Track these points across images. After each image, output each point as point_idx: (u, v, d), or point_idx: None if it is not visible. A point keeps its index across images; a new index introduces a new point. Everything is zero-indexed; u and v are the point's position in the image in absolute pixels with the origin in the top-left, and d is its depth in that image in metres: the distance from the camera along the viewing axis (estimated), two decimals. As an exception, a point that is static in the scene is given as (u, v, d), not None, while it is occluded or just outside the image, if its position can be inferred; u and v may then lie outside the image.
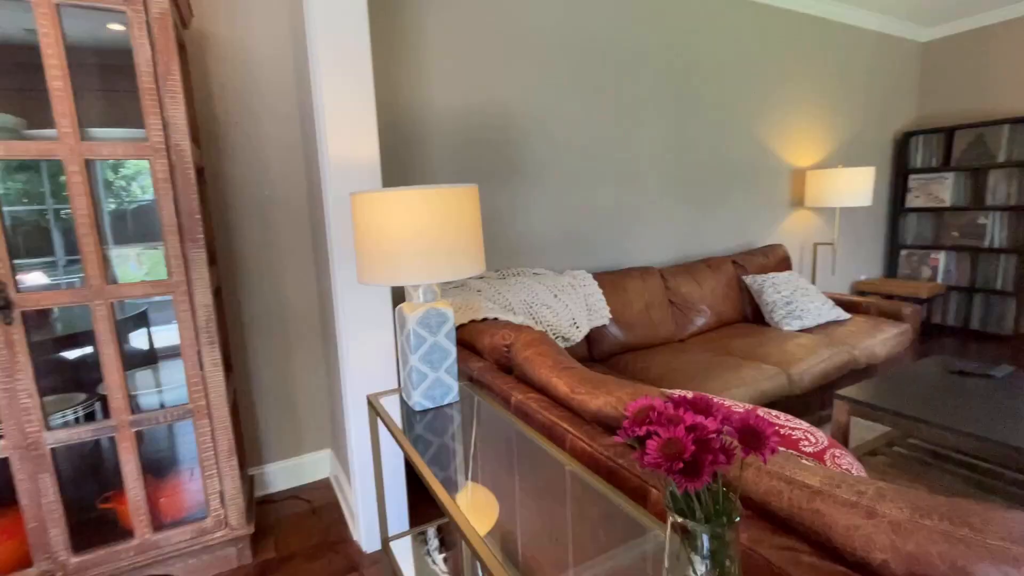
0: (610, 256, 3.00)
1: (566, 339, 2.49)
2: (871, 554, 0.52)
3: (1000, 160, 3.73)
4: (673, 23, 2.97)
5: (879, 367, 2.73)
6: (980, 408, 1.72)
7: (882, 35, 4.06)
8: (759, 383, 2.16)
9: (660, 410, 0.45)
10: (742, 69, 3.30)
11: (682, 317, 2.90)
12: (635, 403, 0.47)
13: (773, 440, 0.41)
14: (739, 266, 3.22)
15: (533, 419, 1.13)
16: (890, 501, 0.54)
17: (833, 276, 4.11)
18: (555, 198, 2.74)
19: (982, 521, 0.50)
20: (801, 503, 0.59)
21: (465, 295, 2.21)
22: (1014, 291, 3.73)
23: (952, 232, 4.07)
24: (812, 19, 3.60)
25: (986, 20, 3.95)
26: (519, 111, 2.55)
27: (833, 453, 0.82)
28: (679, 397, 0.47)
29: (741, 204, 3.49)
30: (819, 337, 2.66)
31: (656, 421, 0.44)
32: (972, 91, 4.11)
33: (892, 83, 4.24)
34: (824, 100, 3.79)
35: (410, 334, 1.22)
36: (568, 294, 2.55)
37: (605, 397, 0.98)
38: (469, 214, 1.16)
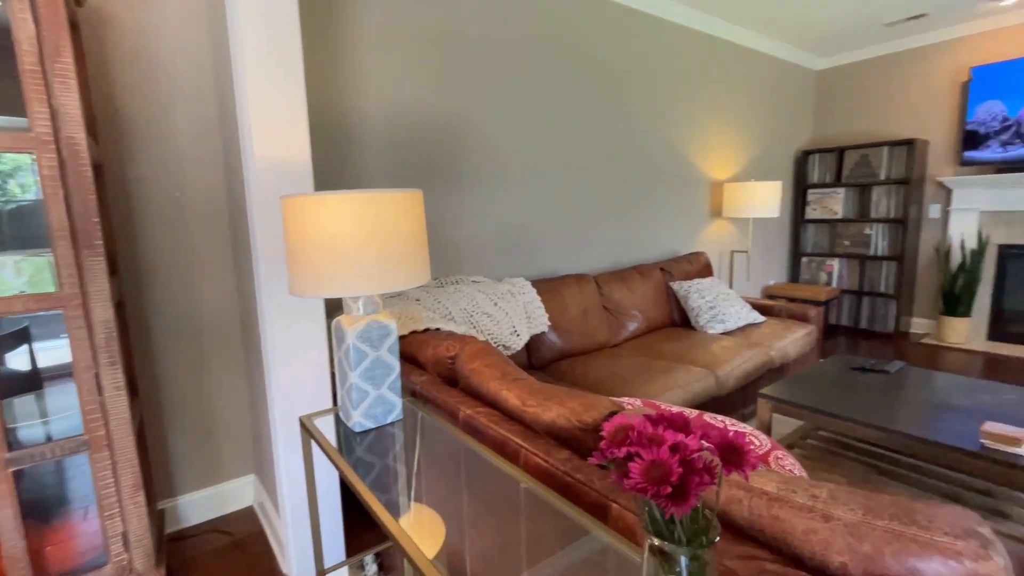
0: (547, 263, 3.04)
1: (506, 347, 2.47)
2: (829, 557, 0.54)
3: (881, 178, 4.22)
4: (607, 39, 3.08)
5: (791, 366, 2.96)
6: (879, 401, 1.91)
7: (784, 62, 4.47)
8: (691, 385, 2.26)
9: (640, 429, 0.43)
10: (667, 87, 3.48)
11: (616, 323, 2.98)
12: (612, 422, 0.46)
13: (752, 456, 0.41)
14: (666, 273, 3.38)
15: (484, 434, 1.09)
16: (843, 504, 0.57)
17: (748, 281, 4.43)
18: (493, 205, 2.73)
19: (927, 518, 0.53)
20: (761, 510, 0.60)
21: (404, 305, 2.13)
22: (894, 294, 4.22)
23: (844, 241, 4.54)
24: (725, 43, 3.88)
25: (866, 55, 4.47)
26: (457, 117, 2.51)
27: (776, 455, 0.86)
28: (657, 414, 0.46)
29: (667, 214, 3.67)
30: (740, 339, 2.84)
31: (636, 441, 0.42)
32: (857, 116, 4.62)
33: (793, 105, 4.67)
34: (737, 118, 4.09)
35: (349, 349, 1.14)
36: (508, 302, 2.54)
37: (558, 409, 0.97)
38: (415, 220, 1.11)
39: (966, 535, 0.51)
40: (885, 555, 0.51)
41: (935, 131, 4.18)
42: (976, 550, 0.49)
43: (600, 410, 0.94)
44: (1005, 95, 3.69)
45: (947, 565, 0.49)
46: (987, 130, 3.79)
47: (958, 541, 0.50)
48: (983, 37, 3.87)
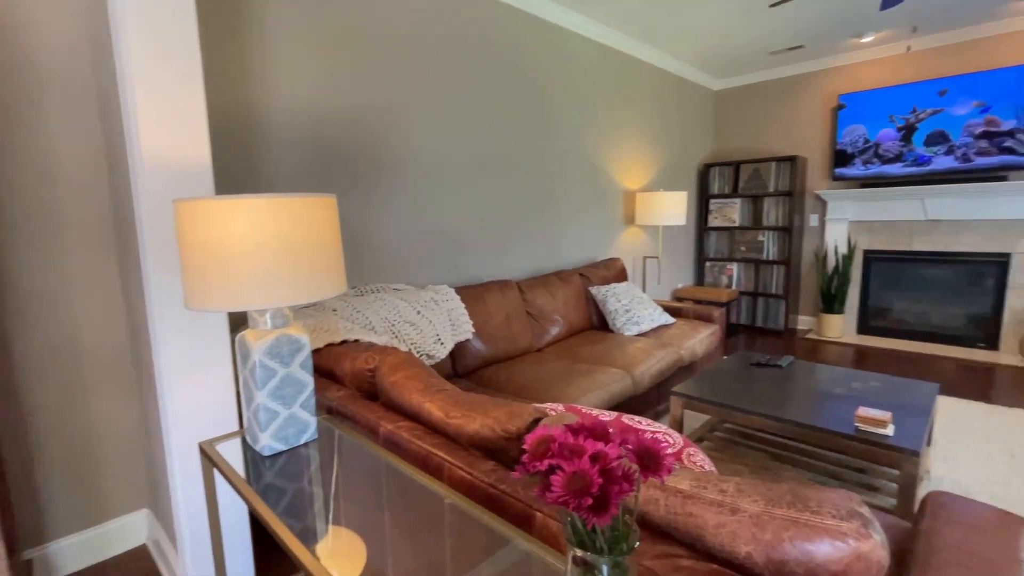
0: (472, 270, 3.03)
1: (430, 356, 2.42)
2: (737, 548, 0.58)
3: (771, 190, 4.68)
4: (529, 51, 3.14)
5: (698, 363, 3.18)
6: (773, 393, 2.11)
7: (687, 81, 4.83)
8: (609, 386, 2.35)
9: (561, 440, 0.43)
10: (585, 100, 3.62)
11: (539, 327, 3.03)
12: (533, 434, 0.46)
13: (668, 460, 0.43)
14: (585, 278, 3.50)
15: (406, 450, 1.05)
16: (748, 496, 0.61)
17: (659, 285, 4.71)
18: (417, 212, 2.68)
19: (818, 503, 0.58)
20: (676, 509, 0.63)
21: (319, 316, 2.02)
22: (783, 294, 4.69)
23: (741, 247, 4.97)
24: (637, 61, 4.12)
25: (756, 79, 4.95)
26: (378, 121, 2.44)
27: (688, 452, 0.91)
28: (578, 424, 0.46)
29: (585, 221, 3.81)
30: (653, 340, 3.01)
31: (558, 453, 0.42)
32: (750, 133, 5.10)
33: (695, 121, 5.05)
34: (647, 132, 4.35)
35: (255, 367, 1.05)
36: (431, 310, 2.49)
37: (482, 419, 0.96)
38: (327, 227, 1.05)
39: (849, 516, 0.56)
40: (784, 541, 0.56)
41: (813, 149, 4.71)
42: (858, 530, 0.55)
43: (524, 418, 0.94)
44: (866, 120, 4.25)
45: (835, 546, 0.54)
46: (853, 150, 4.34)
47: (843, 523, 0.55)
48: (849, 69, 4.43)
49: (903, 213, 4.19)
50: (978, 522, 0.94)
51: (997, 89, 3.66)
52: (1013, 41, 3.70)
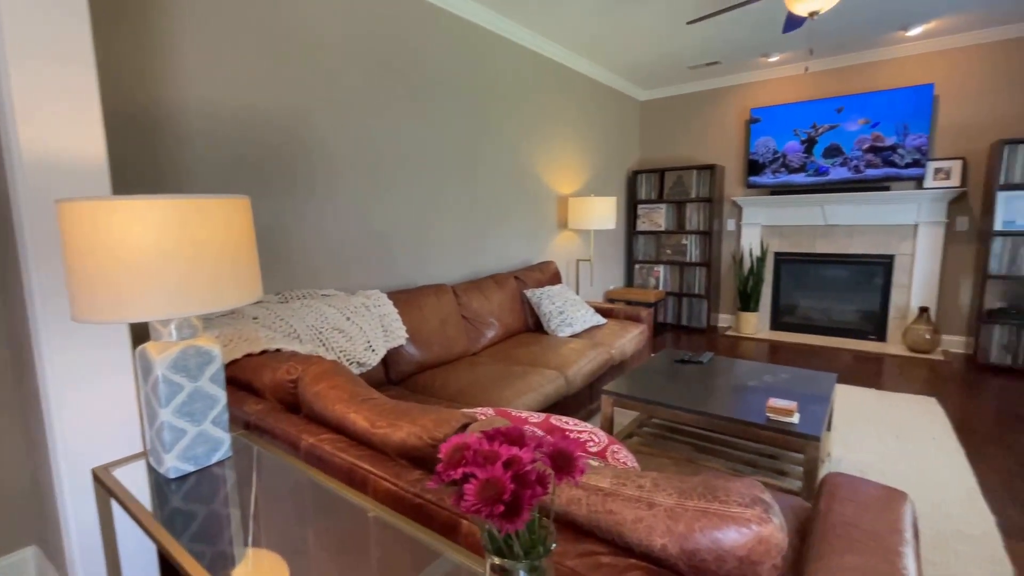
0: (405, 274, 2.96)
1: (361, 364, 2.35)
2: (653, 541, 0.60)
3: (692, 196, 4.96)
4: (461, 56, 3.13)
5: (628, 361, 3.30)
6: (696, 388, 2.23)
7: (616, 91, 5.02)
8: (544, 387, 2.38)
9: (476, 447, 0.43)
10: (519, 105, 3.66)
11: (474, 331, 3.02)
12: (449, 443, 0.45)
13: (581, 461, 0.43)
14: (520, 281, 3.53)
15: (329, 464, 1.01)
16: (663, 490, 0.64)
17: (591, 287, 4.85)
18: (346, 216, 2.58)
19: (725, 492, 0.62)
20: (597, 507, 0.65)
21: (237, 325, 1.89)
22: (705, 294, 4.99)
23: (666, 250, 5.23)
24: (568, 70, 4.23)
25: (677, 91, 5.24)
26: (304, 121, 2.33)
27: (612, 449, 0.94)
28: (493, 430, 0.46)
29: (520, 225, 3.85)
30: (586, 341, 3.09)
31: (472, 461, 0.42)
32: (673, 142, 5.39)
33: (624, 130, 5.26)
34: (579, 138, 4.47)
35: (158, 382, 0.96)
36: (362, 316, 2.41)
37: (409, 427, 0.94)
38: (240, 230, 0.99)
39: (753, 503, 0.60)
40: (695, 531, 0.59)
41: (729, 158, 5.05)
42: (760, 515, 0.59)
43: (452, 424, 0.93)
44: (775, 132, 4.61)
45: (740, 532, 0.58)
46: (763, 160, 4.70)
47: (747, 510, 0.59)
48: (760, 85, 4.80)
49: (807, 218, 4.59)
50: (866, 499, 1.04)
51: (882, 109, 4.10)
52: (894, 67, 4.17)
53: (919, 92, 3.94)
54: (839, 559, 0.86)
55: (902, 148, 4.05)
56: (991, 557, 1.65)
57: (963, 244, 4.05)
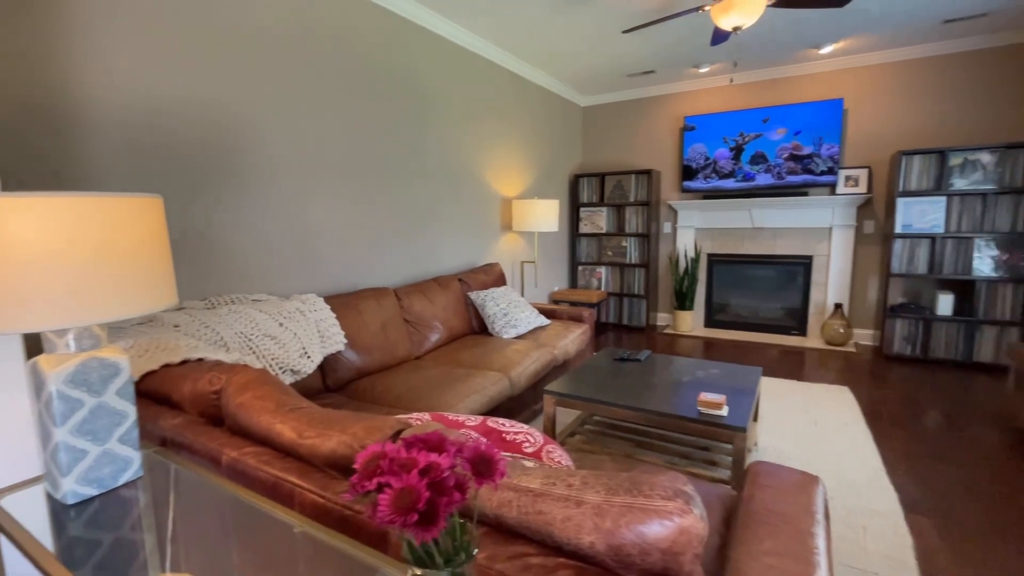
0: (345, 277, 2.87)
1: (296, 372, 2.24)
2: (581, 539, 0.61)
3: (631, 200, 5.13)
4: (405, 56, 3.07)
5: (571, 361, 3.36)
6: (634, 385, 2.30)
7: (558, 96, 5.11)
8: (487, 390, 2.38)
9: (392, 456, 0.41)
10: (463, 108, 3.64)
11: (418, 335, 2.97)
12: (365, 452, 0.43)
13: (502, 464, 0.43)
14: (465, 283, 3.51)
15: (253, 478, 0.95)
16: (591, 488, 0.65)
17: (536, 288, 4.91)
18: (282, 216, 2.47)
19: (649, 487, 0.64)
20: (528, 508, 0.65)
21: (156, 333, 1.75)
22: (644, 294, 5.17)
23: (608, 252, 5.38)
24: (512, 74, 4.26)
25: (617, 98, 5.40)
26: (234, 119, 2.20)
27: (548, 449, 0.95)
28: (412, 437, 0.45)
29: (464, 227, 3.83)
30: (530, 342, 3.11)
31: (388, 470, 0.40)
32: (613, 147, 5.55)
33: (566, 134, 5.37)
34: (522, 142, 4.51)
35: (52, 399, 0.87)
36: (297, 321, 2.31)
37: (339, 436, 0.90)
38: (149, 232, 0.91)
39: (675, 495, 0.62)
40: (621, 527, 0.60)
41: (665, 164, 5.27)
42: (681, 507, 0.61)
43: (385, 432, 0.90)
44: (706, 140, 4.86)
45: (663, 524, 0.60)
46: (696, 166, 4.94)
47: (669, 503, 0.61)
48: (693, 94, 5.04)
49: (736, 222, 4.86)
50: (784, 485, 1.12)
51: (800, 120, 4.42)
52: (810, 81, 4.50)
53: (831, 106, 4.28)
54: (759, 544, 0.91)
55: (818, 157, 4.38)
56: (894, 530, 1.81)
57: (870, 245, 4.43)
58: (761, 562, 0.86)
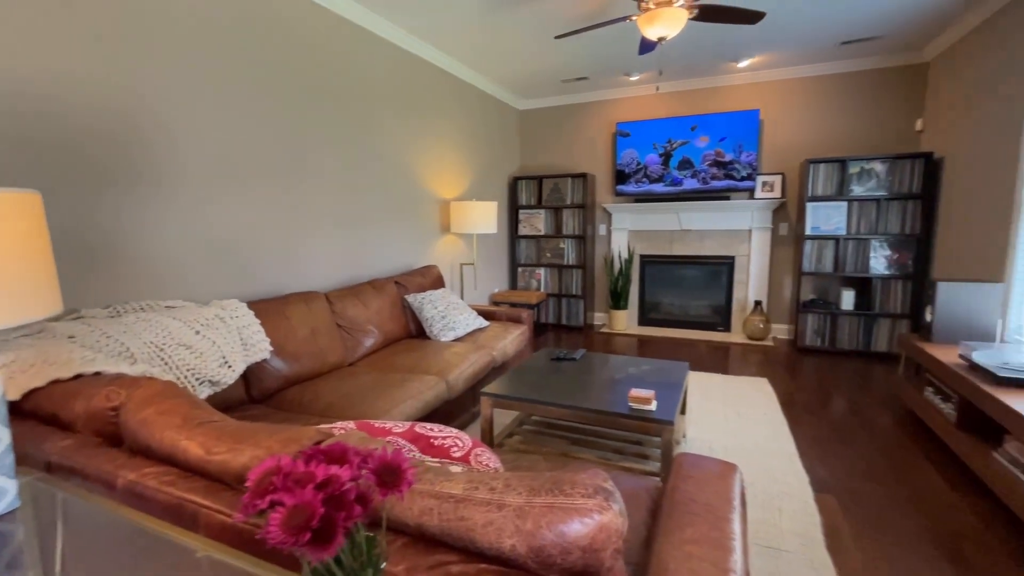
0: (272, 282, 2.72)
1: (215, 383, 2.09)
2: (503, 543, 0.60)
3: (568, 203, 5.24)
4: (338, 55, 2.95)
5: (510, 362, 3.37)
6: (569, 384, 2.34)
7: (496, 99, 5.12)
8: (423, 394, 2.33)
9: (287, 471, 0.39)
10: (399, 109, 3.56)
11: (351, 340, 2.87)
12: (257, 468, 0.40)
13: (410, 473, 0.41)
14: (401, 286, 3.44)
15: (153, 501, 0.87)
16: (514, 490, 0.64)
17: (475, 290, 4.89)
18: (200, 217, 2.30)
19: (570, 485, 0.64)
20: (449, 515, 0.63)
21: (43, 345, 1.57)
22: (581, 295, 5.29)
23: (546, 253, 5.46)
24: (450, 76, 4.22)
25: (553, 103, 5.50)
26: (146, 107, 2.02)
27: (476, 453, 0.94)
28: (311, 449, 0.42)
29: (401, 229, 3.75)
30: (468, 344, 3.09)
31: (281, 487, 0.37)
32: (550, 151, 5.65)
33: (504, 137, 5.39)
34: (460, 144, 4.48)
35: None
36: (216, 328, 2.16)
37: (252, 451, 0.84)
38: (26, 232, 0.81)
39: (595, 492, 0.63)
40: (542, 528, 0.60)
41: (599, 168, 5.42)
42: (600, 504, 0.62)
43: (303, 443, 0.85)
44: (637, 146, 5.05)
45: (583, 523, 0.60)
46: (628, 170, 5.12)
47: (589, 500, 0.61)
48: (625, 101, 5.22)
49: (665, 224, 5.09)
50: (706, 475, 1.17)
51: (723, 128, 4.70)
52: (731, 92, 4.80)
53: (749, 116, 4.58)
54: (681, 533, 0.95)
55: (738, 163, 4.67)
56: (804, 509, 1.96)
57: (785, 246, 4.79)
58: (682, 551, 0.89)
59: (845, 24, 3.51)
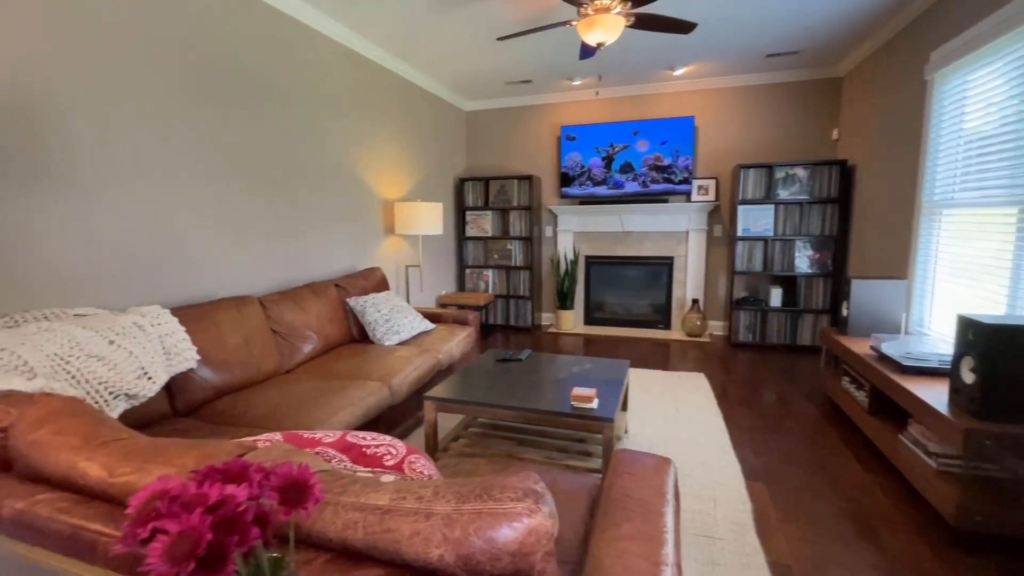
0: (201, 287, 2.55)
1: (133, 396, 1.94)
2: (430, 553, 0.58)
3: (515, 204, 5.27)
4: (274, 50, 2.80)
5: (456, 365, 3.34)
6: (515, 385, 2.34)
7: (441, 99, 5.07)
8: (365, 400, 2.26)
9: (175, 494, 0.35)
10: (340, 107, 3.43)
11: (288, 346, 2.74)
12: (141, 493, 0.36)
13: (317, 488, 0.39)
14: (342, 289, 3.32)
15: (44, 531, 0.78)
16: (442, 497, 0.63)
17: (422, 293, 4.81)
18: (118, 217, 2.13)
19: (500, 490, 0.63)
20: (375, 527, 0.61)
21: (-83, 361, 1.40)
22: (529, 295, 5.33)
23: (494, 255, 5.46)
24: (394, 75, 4.13)
25: (499, 104, 5.51)
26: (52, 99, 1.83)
27: (410, 460, 0.91)
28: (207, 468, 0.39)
29: (342, 230, 3.62)
30: (414, 348, 3.03)
31: (166, 512, 0.34)
32: (496, 153, 5.65)
33: (450, 138, 5.34)
34: (405, 144, 4.39)
35: None
36: (134, 337, 2.00)
37: (162, 469, 0.78)
38: None
39: (524, 496, 0.63)
40: (471, 535, 0.58)
41: (545, 170, 5.49)
42: (530, 507, 0.61)
43: (221, 458, 0.79)
44: (581, 149, 5.15)
45: (512, 527, 0.59)
46: (573, 173, 5.21)
47: (518, 504, 0.61)
48: (569, 105, 5.31)
49: (608, 226, 5.22)
50: (641, 470, 1.20)
51: (661, 134, 4.88)
52: (668, 99, 4.99)
53: (685, 122, 4.78)
54: (616, 529, 0.96)
55: (676, 167, 4.87)
56: (737, 497, 2.06)
57: (719, 247, 5.03)
58: (617, 547, 0.91)
59: (770, 38, 3.73)
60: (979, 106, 2.53)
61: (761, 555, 1.72)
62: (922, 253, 3.04)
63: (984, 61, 2.49)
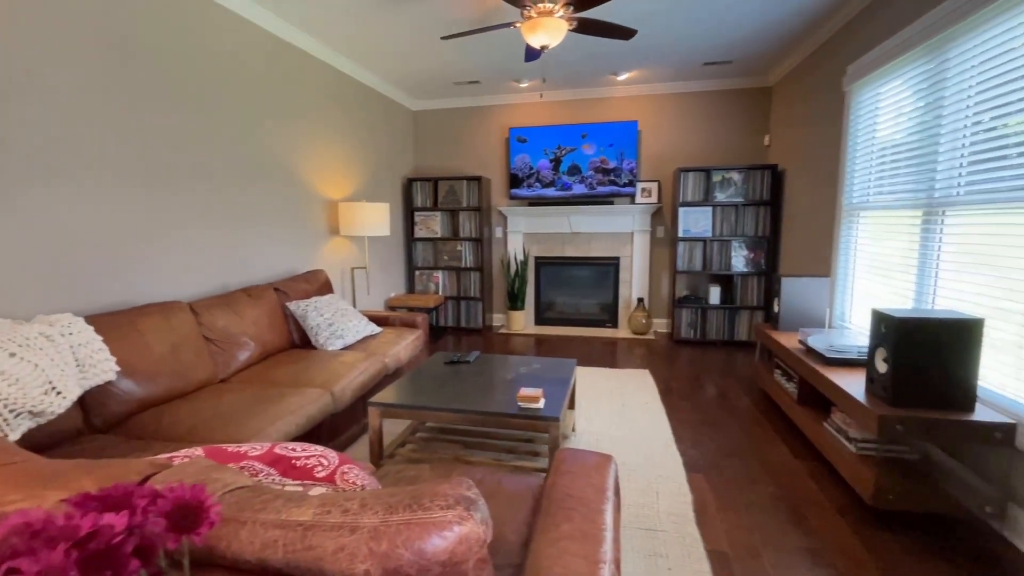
0: (122, 293, 2.36)
1: (38, 413, 1.77)
2: (355, 569, 0.56)
3: (464, 205, 5.23)
4: (208, 40, 2.62)
5: (404, 369, 3.27)
6: (463, 387, 2.31)
7: (388, 98, 4.96)
8: (305, 408, 2.17)
9: (37, 528, 0.31)
10: (276, 102, 3.28)
11: (222, 354, 2.59)
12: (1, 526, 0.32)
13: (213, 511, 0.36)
14: (282, 293, 3.18)
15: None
16: (370, 509, 0.60)
17: (368, 296, 4.68)
18: (20, 217, 1.92)
19: (430, 498, 0.61)
20: (296, 545, 0.57)
21: None
22: (480, 297, 5.31)
23: (444, 256, 5.40)
24: (338, 72, 3.99)
25: (447, 104, 5.47)
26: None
27: (343, 471, 0.87)
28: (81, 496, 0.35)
29: (283, 231, 3.47)
30: (358, 352, 2.94)
31: (25, 550, 0.30)
32: (445, 153, 5.60)
33: (397, 137, 5.24)
34: (349, 143, 4.26)
35: None
36: (40, 349, 1.83)
37: (58, 494, 0.70)
38: None
39: (455, 503, 0.61)
40: (398, 547, 0.56)
41: (494, 171, 5.49)
42: (460, 514, 0.60)
43: (130, 478, 0.73)
44: (530, 151, 5.19)
45: (442, 536, 0.58)
46: (522, 175, 5.24)
47: (448, 512, 0.59)
48: (517, 107, 5.34)
49: (557, 227, 5.29)
50: (583, 468, 1.21)
51: (607, 137, 4.99)
52: (613, 103, 5.12)
53: (629, 126, 4.92)
54: (556, 529, 0.97)
55: (621, 170, 4.99)
56: (678, 490, 2.13)
57: (662, 247, 5.21)
58: (557, 547, 0.91)
59: (706, 47, 3.90)
60: (890, 116, 2.75)
61: (700, 544, 1.78)
62: (843, 252, 3.26)
63: (894, 75, 2.70)
